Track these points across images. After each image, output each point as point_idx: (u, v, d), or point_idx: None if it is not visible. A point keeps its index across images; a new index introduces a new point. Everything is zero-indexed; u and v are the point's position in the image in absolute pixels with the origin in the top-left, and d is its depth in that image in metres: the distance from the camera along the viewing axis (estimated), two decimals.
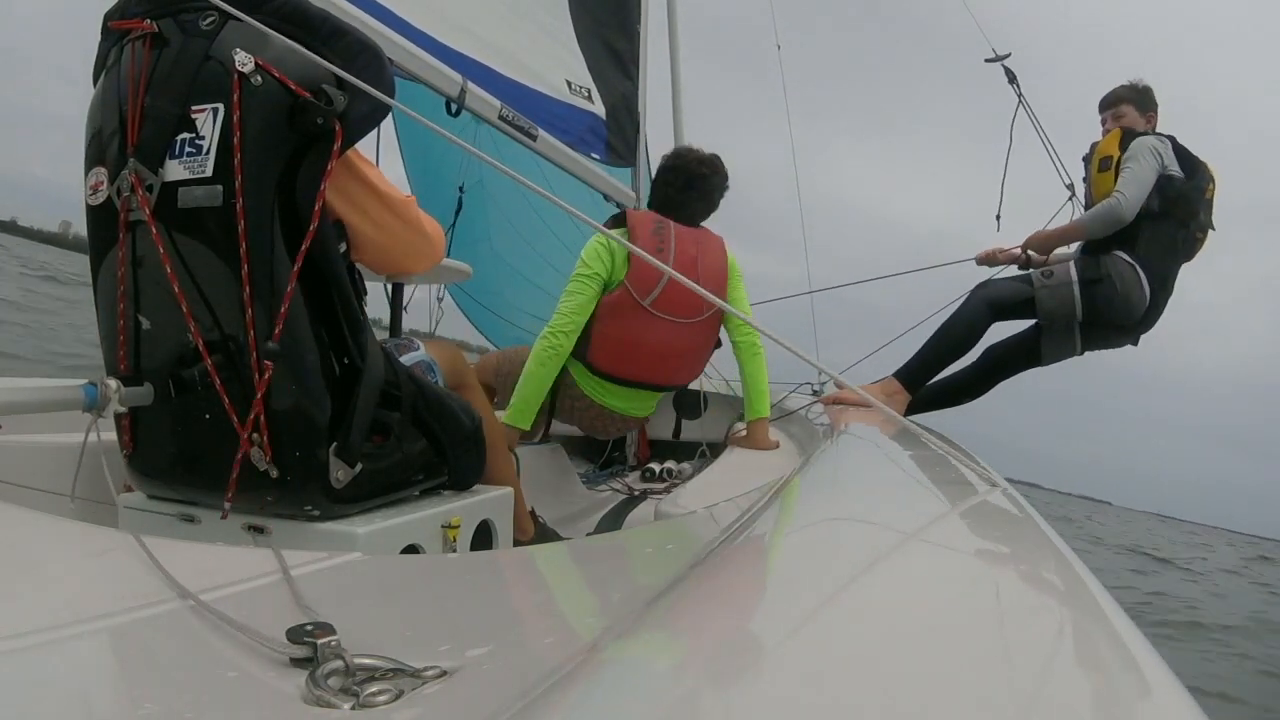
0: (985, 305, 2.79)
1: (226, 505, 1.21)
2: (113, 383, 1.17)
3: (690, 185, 2.40)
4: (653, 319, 2.23)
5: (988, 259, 3.07)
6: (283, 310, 1.13)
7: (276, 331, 1.14)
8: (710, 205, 2.49)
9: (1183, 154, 2.73)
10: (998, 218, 3.26)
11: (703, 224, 2.49)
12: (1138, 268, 2.65)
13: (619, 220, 2.39)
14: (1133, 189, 2.64)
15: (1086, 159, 2.94)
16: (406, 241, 1.41)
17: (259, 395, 1.14)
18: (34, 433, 1.55)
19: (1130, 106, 2.92)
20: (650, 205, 2.57)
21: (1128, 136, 2.78)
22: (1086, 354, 2.87)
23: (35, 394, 1.19)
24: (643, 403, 2.43)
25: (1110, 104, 2.96)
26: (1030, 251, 2.96)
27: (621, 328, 2.24)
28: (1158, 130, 2.88)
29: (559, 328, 2.25)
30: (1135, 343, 2.90)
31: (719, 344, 2.46)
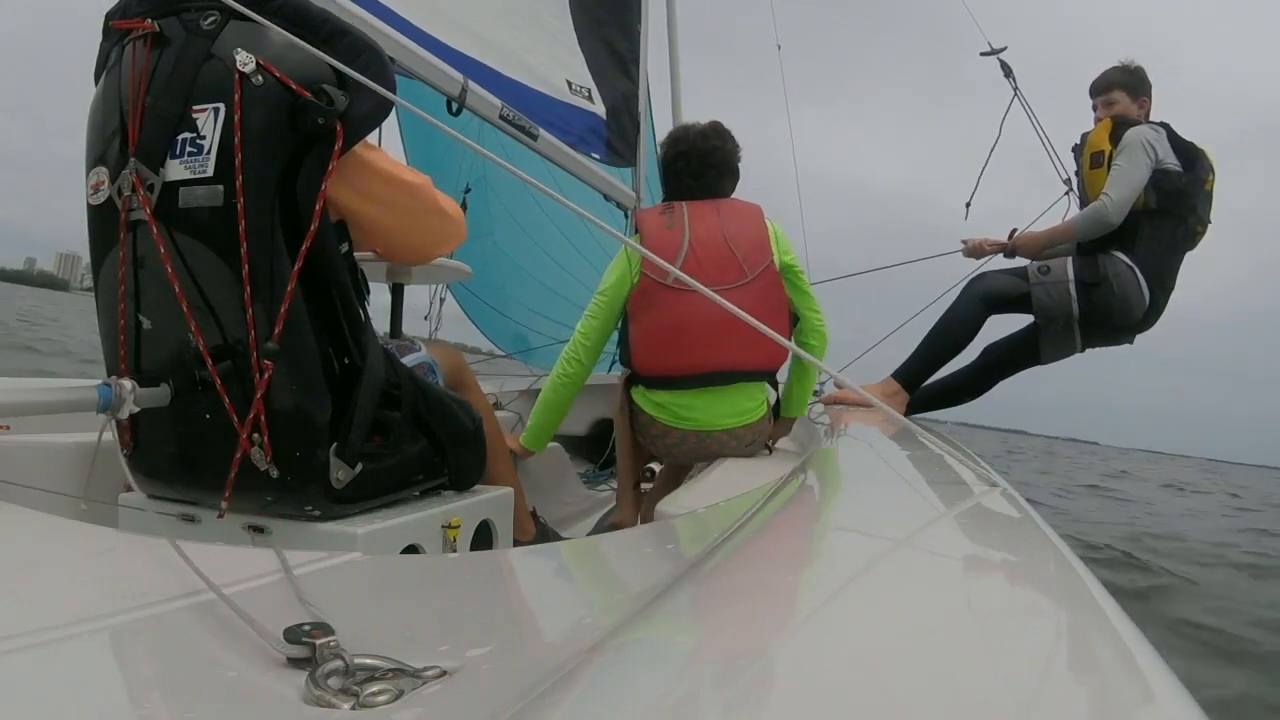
0: (980, 300, 2.74)
1: (224, 505, 1.21)
2: (127, 383, 1.16)
3: (707, 164, 2.15)
4: (681, 294, 1.97)
5: (974, 251, 3.00)
6: (283, 310, 1.13)
7: (276, 331, 1.13)
8: (735, 175, 2.21)
9: (1180, 144, 2.65)
10: (967, 205, 3.19)
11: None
12: (1136, 269, 2.60)
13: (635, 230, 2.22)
14: (1120, 190, 2.58)
15: (1076, 150, 2.86)
16: (425, 224, 1.40)
17: (259, 395, 1.13)
18: (36, 432, 1.54)
19: (1122, 92, 2.80)
20: (665, 199, 2.33)
21: (1120, 128, 2.68)
22: (1088, 351, 2.84)
23: (49, 395, 1.19)
24: (730, 403, 2.04)
25: (1101, 90, 2.84)
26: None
27: (657, 316, 2.01)
28: (1151, 118, 2.78)
29: (571, 355, 2.11)
30: (1131, 341, 2.86)
31: (796, 320, 2.12)
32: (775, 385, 2.20)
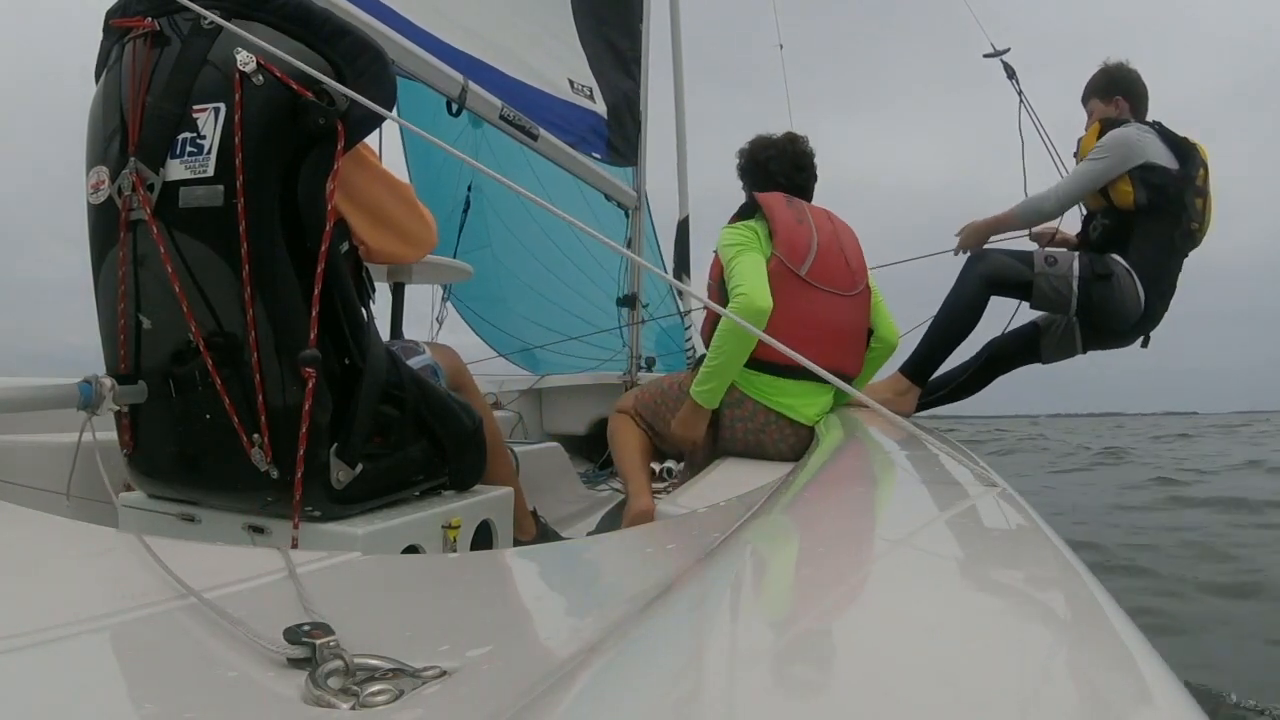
0: (982, 282, 2.67)
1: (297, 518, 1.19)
2: (107, 381, 1.17)
3: (799, 165, 2.28)
4: (814, 291, 2.04)
5: (1038, 237, 2.94)
6: (314, 314, 1.13)
7: (313, 337, 1.13)
8: (816, 180, 2.35)
9: (1173, 141, 2.59)
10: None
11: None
12: (1133, 274, 2.56)
13: (750, 208, 2.14)
14: (1071, 182, 2.57)
15: (1076, 156, 2.81)
16: (401, 217, 1.40)
17: (307, 405, 1.13)
18: (35, 433, 1.55)
19: (1095, 100, 2.77)
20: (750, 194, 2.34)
21: (1106, 130, 2.64)
22: (1090, 353, 2.82)
23: (31, 392, 1.19)
24: (814, 400, 2.09)
25: (1084, 99, 2.82)
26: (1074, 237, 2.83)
27: (784, 305, 1.96)
28: (1137, 116, 2.71)
29: (744, 288, 1.91)
30: (1145, 344, 2.78)
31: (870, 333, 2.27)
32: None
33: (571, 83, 3.14)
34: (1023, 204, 2.70)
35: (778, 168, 2.26)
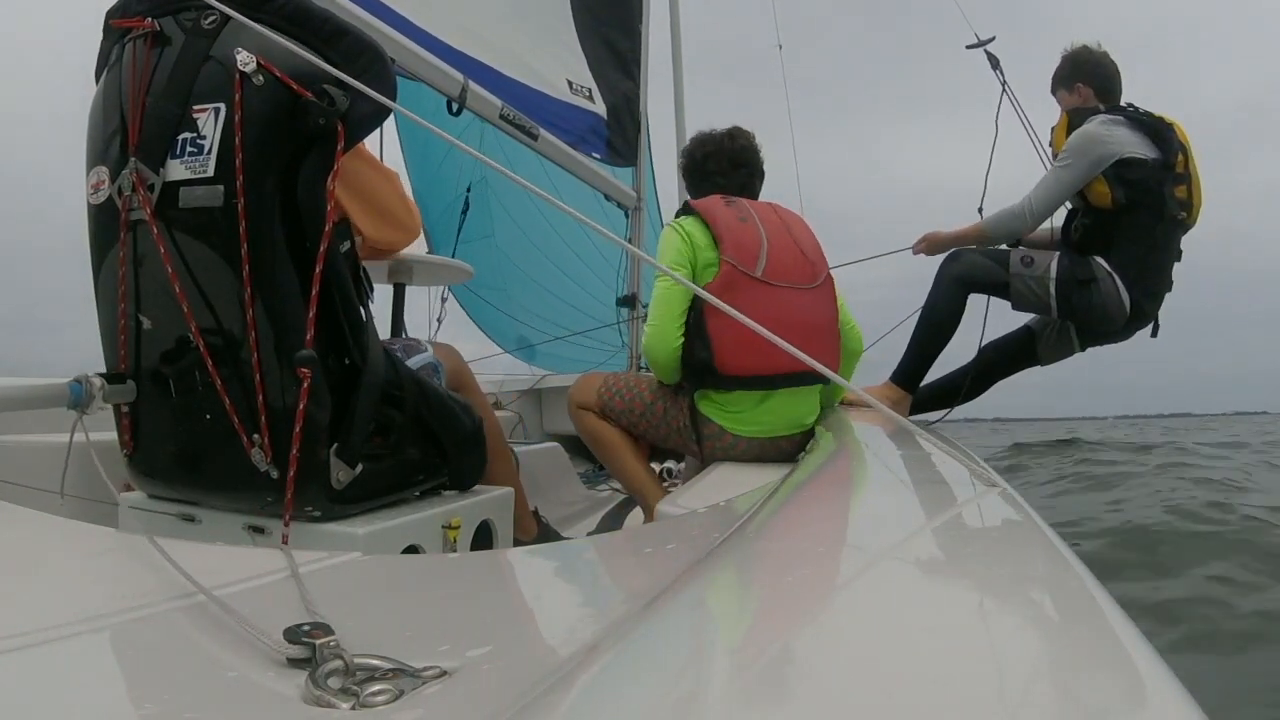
0: (958, 285, 2.60)
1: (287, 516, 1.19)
2: (97, 380, 1.18)
3: (737, 163, 2.15)
4: (773, 289, 1.89)
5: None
6: (311, 315, 1.13)
7: (309, 337, 1.13)
8: (762, 176, 2.22)
9: (1147, 125, 2.48)
10: (980, 211, 2.87)
11: None
12: (1116, 278, 2.47)
13: (684, 212, 2.04)
14: (1041, 193, 2.48)
15: (1051, 147, 2.72)
16: (396, 204, 1.42)
17: (303, 405, 1.12)
18: (34, 433, 1.55)
19: (1061, 90, 2.67)
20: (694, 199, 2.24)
21: (1074, 123, 2.54)
22: (1089, 349, 2.78)
23: (21, 391, 1.19)
24: (793, 411, 1.96)
25: (1052, 89, 2.71)
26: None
27: (750, 312, 1.86)
28: (1107, 100, 2.61)
29: (656, 321, 1.89)
30: (1155, 334, 2.68)
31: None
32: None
33: (570, 84, 3.14)
34: (993, 219, 2.63)
35: (715, 166, 2.15)
